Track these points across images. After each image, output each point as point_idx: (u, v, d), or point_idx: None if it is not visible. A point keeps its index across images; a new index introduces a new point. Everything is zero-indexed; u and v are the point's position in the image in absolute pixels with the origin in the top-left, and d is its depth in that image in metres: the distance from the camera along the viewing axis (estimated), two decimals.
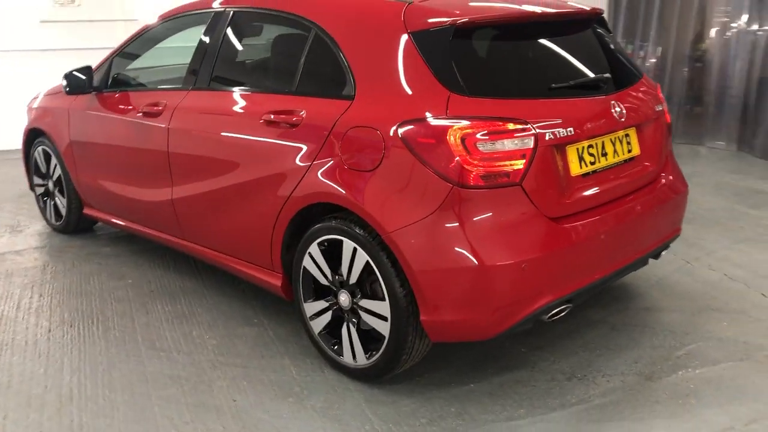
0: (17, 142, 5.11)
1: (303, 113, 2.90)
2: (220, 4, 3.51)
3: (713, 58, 7.31)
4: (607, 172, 2.87)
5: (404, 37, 2.70)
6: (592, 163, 2.80)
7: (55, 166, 4.63)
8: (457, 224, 2.49)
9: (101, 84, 4.12)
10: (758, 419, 2.59)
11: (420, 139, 2.52)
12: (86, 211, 4.54)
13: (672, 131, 3.45)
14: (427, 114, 2.53)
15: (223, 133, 3.23)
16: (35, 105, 4.83)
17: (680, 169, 3.40)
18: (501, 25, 2.82)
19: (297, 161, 2.89)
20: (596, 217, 2.78)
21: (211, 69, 3.43)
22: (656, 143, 3.17)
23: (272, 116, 2.99)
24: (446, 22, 2.66)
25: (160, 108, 3.57)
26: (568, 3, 3.24)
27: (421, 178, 2.52)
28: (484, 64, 2.77)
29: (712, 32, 7.34)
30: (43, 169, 4.80)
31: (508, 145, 2.50)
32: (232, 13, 3.42)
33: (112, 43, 7.79)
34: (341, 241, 2.78)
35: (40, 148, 4.75)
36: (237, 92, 3.30)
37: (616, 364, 2.99)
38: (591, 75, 2.94)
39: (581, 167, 2.75)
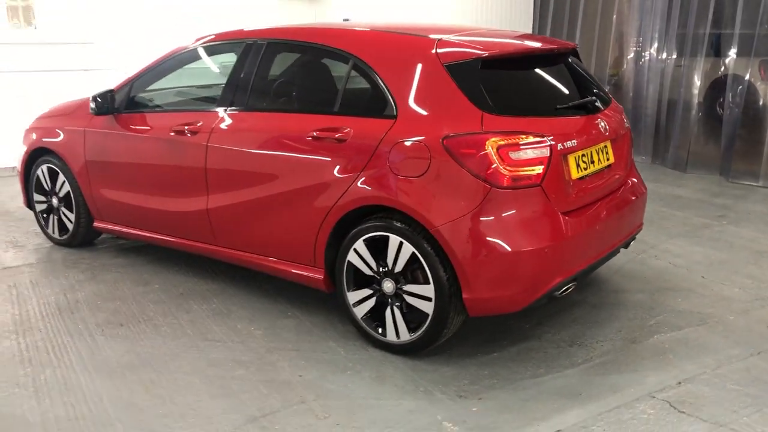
0: None
1: (348, 130, 3.42)
2: (256, 35, 3.98)
3: (630, 83, 8.34)
4: (594, 176, 3.55)
5: (439, 69, 3.29)
6: (585, 169, 3.47)
7: (63, 182, 4.89)
8: (494, 218, 3.09)
9: (121, 105, 4.46)
10: (721, 366, 3.32)
11: (462, 150, 3.11)
12: (97, 223, 4.83)
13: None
14: (467, 129, 3.13)
15: (268, 149, 3.69)
16: (37, 126, 5.07)
17: (641, 176, 4.15)
18: (514, 57, 3.48)
19: (345, 171, 3.40)
20: (589, 212, 3.45)
21: (248, 92, 3.89)
22: (624, 153, 3.90)
23: (319, 133, 3.49)
24: (474, 55, 3.28)
25: (197, 127, 3.98)
26: (552, 38, 3.94)
27: (463, 182, 3.11)
28: (504, 88, 3.40)
29: (628, 59, 8.38)
30: (47, 187, 5.03)
31: (531, 153, 3.13)
32: (267, 43, 3.90)
33: (69, 65, 8.01)
34: (387, 237, 3.31)
35: (44, 166, 4.98)
36: (278, 113, 3.78)
37: (605, 332, 3.67)
38: (583, 97, 3.64)
39: (578, 172, 3.41)
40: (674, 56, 7.88)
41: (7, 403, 3.02)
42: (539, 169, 3.15)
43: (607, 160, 3.68)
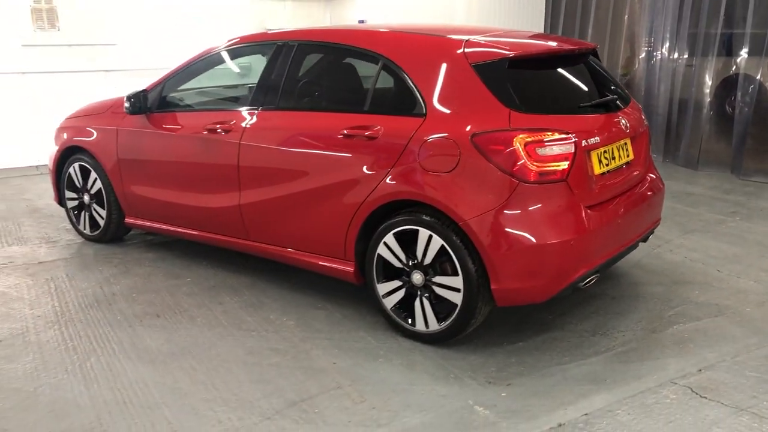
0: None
1: (379, 128, 3.56)
2: (287, 36, 4.12)
3: (641, 82, 8.45)
4: (615, 172, 3.68)
5: (467, 68, 3.42)
6: (607, 165, 3.59)
7: (95, 180, 5.04)
8: (521, 212, 3.23)
9: (154, 105, 4.61)
10: (740, 354, 3.45)
11: (491, 146, 3.24)
12: (128, 219, 4.98)
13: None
14: (495, 127, 3.26)
15: (300, 146, 3.83)
16: (68, 126, 5.23)
17: (659, 172, 4.27)
18: (539, 57, 3.62)
19: (375, 167, 3.54)
20: (611, 206, 3.58)
21: (279, 92, 4.03)
22: (643, 150, 4.03)
23: (350, 131, 3.63)
24: (501, 55, 3.42)
25: (230, 126, 4.13)
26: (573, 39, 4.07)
27: (491, 177, 3.24)
28: (531, 87, 3.53)
29: (640, 59, 8.50)
30: (79, 184, 5.18)
31: (556, 150, 3.27)
32: (297, 45, 4.05)
33: (92, 66, 8.18)
34: (416, 231, 3.45)
35: (76, 165, 5.14)
36: (309, 111, 3.93)
37: (626, 323, 3.80)
38: (603, 96, 3.77)
39: (600, 168, 3.54)
40: (685, 56, 7.98)
41: (58, 388, 3.17)
42: (564, 165, 3.28)
43: (627, 156, 3.81)
